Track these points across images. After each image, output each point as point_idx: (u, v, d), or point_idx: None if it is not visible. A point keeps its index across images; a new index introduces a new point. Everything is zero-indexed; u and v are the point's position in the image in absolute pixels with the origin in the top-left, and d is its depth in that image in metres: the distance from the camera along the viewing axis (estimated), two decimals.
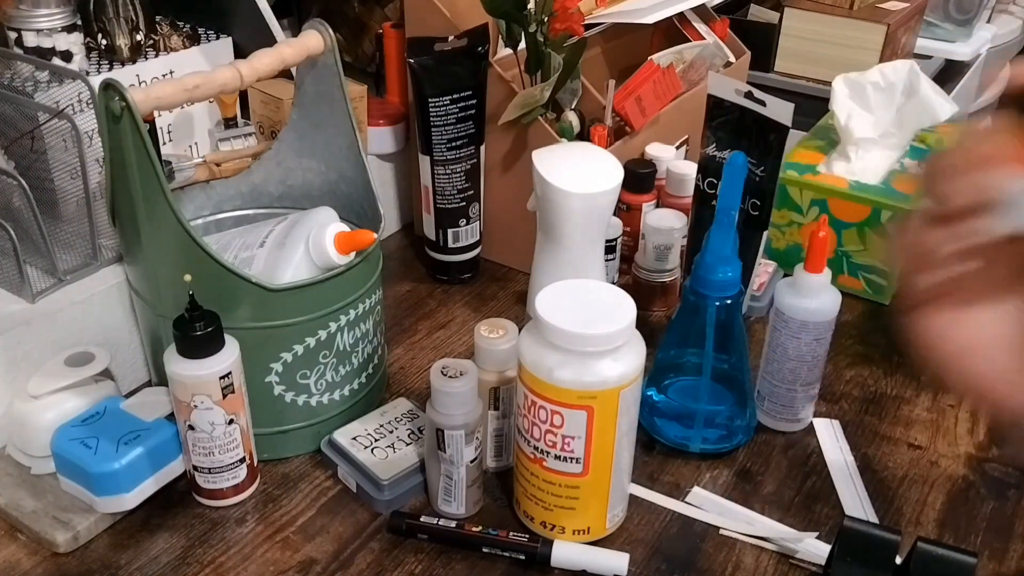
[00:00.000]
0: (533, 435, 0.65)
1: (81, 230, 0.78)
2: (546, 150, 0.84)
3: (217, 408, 0.67)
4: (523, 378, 0.65)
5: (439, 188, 0.95)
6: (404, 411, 0.77)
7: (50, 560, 0.67)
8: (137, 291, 0.76)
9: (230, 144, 0.94)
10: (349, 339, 0.75)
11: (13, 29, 0.83)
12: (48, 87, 0.75)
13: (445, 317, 0.96)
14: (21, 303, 0.76)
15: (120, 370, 0.80)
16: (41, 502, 0.69)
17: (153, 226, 0.68)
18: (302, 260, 0.73)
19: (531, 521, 0.69)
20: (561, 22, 0.90)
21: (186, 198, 0.84)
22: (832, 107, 1.02)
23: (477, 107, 0.93)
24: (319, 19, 0.77)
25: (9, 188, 0.75)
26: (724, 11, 1.34)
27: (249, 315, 0.70)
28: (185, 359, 0.66)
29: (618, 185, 0.82)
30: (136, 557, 0.67)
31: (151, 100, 0.65)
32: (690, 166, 0.99)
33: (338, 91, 0.78)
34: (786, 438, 0.80)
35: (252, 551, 0.68)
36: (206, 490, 0.71)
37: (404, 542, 0.69)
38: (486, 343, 0.71)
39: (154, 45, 0.92)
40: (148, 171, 0.65)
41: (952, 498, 0.75)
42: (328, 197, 0.83)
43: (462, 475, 0.69)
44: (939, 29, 1.61)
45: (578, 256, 0.84)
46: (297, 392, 0.74)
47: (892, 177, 0.99)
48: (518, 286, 1.00)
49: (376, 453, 0.73)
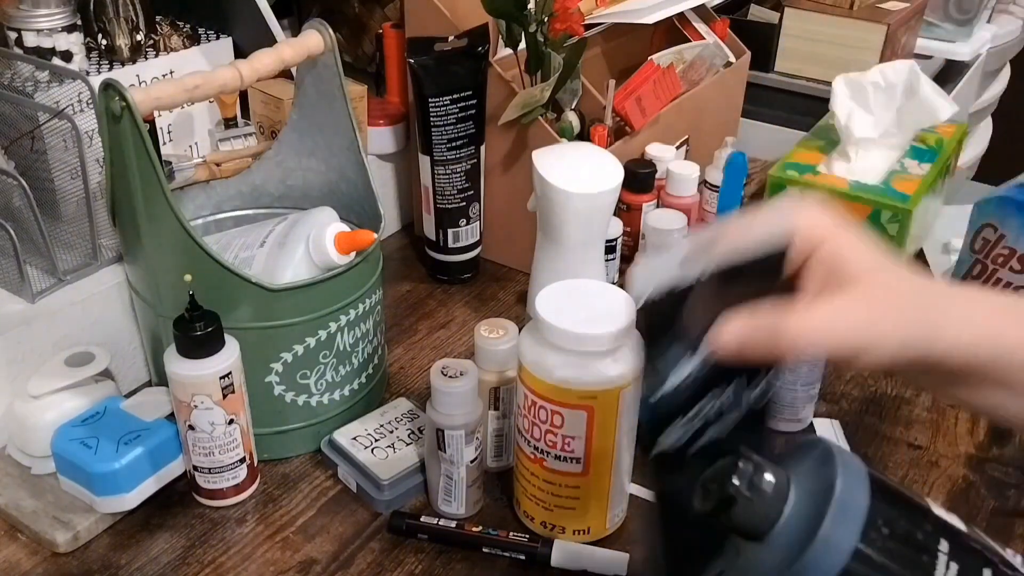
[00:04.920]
0: (533, 435, 0.65)
1: (81, 230, 0.78)
2: (546, 150, 0.84)
3: (217, 408, 0.67)
4: (523, 378, 0.65)
5: (439, 188, 0.95)
6: (404, 411, 0.77)
7: (50, 560, 0.67)
8: (137, 291, 0.76)
9: (230, 144, 0.94)
10: (349, 339, 0.75)
11: (13, 29, 0.83)
12: (48, 87, 0.75)
13: (445, 317, 0.96)
14: (21, 303, 0.76)
15: (120, 370, 0.80)
16: (41, 502, 0.69)
17: (153, 226, 0.68)
18: (302, 260, 0.73)
19: (531, 521, 0.69)
20: (561, 22, 0.90)
21: (186, 198, 0.84)
22: (832, 107, 1.02)
23: (477, 107, 0.93)
24: (319, 19, 0.77)
25: (9, 188, 0.75)
26: (724, 11, 1.34)
27: (249, 315, 0.70)
28: (185, 359, 0.66)
29: (618, 185, 0.82)
30: (136, 557, 0.67)
31: (151, 100, 0.65)
32: (690, 166, 0.99)
33: (338, 91, 0.78)
34: (786, 438, 0.80)
35: (252, 551, 0.68)
36: (206, 490, 0.71)
37: (404, 542, 0.69)
38: (486, 343, 0.71)
39: (154, 45, 0.92)
40: (148, 171, 0.65)
41: (952, 498, 0.75)
42: (328, 197, 0.83)
43: (462, 475, 0.69)
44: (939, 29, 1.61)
45: (578, 256, 0.84)
46: (297, 392, 0.74)
47: (892, 177, 0.99)
48: (518, 286, 1.00)
49: (376, 453, 0.73)
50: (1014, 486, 0.76)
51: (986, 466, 0.78)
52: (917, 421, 0.83)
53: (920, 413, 0.84)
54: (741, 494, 0.48)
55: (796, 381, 0.78)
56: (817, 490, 0.48)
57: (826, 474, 0.48)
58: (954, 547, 0.46)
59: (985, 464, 0.78)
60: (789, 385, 0.78)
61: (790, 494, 0.48)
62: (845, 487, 0.47)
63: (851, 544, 0.45)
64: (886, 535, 0.46)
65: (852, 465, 0.48)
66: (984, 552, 0.47)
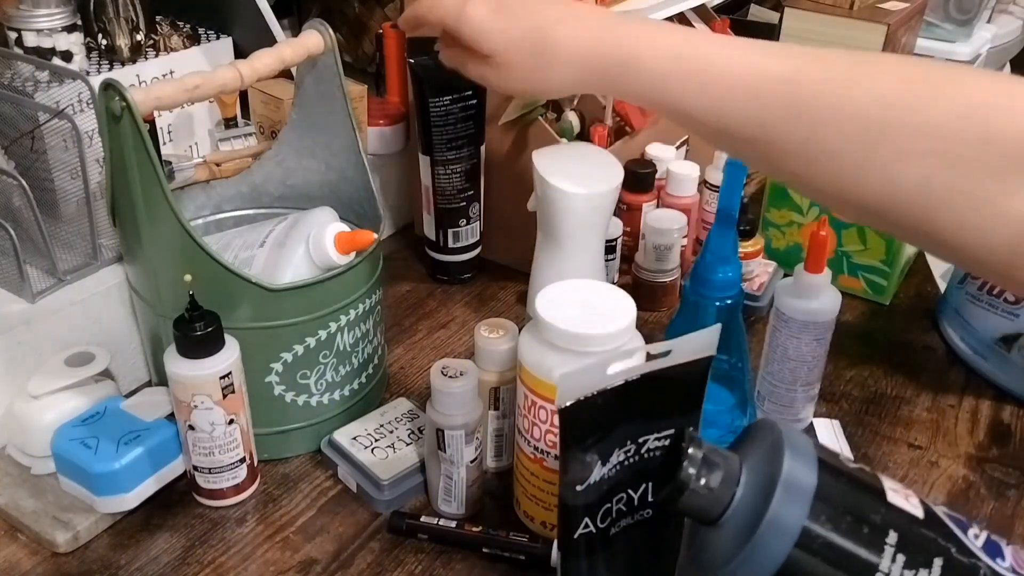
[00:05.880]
0: (533, 435, 0.65)
1: (81, 230, 0.78)
2: (546, 150, 0.84)
3: (217, 408, 0.67)
4: (523, 378, 0.65)
5: (439, 188, 0.95)
6: (404, 411, 0.77)
7: (50, 560, 0.67)
8: (137, 291, 0.76)
9: (230, 144, 0.94)
10: (349, 339, 0.75)
11: (13, 29, 0.83)
12: (48, 87, 0.75)
13: (445, 317, 0.96)
14: (21, 303, 0.76)
15: (120, 370, 0.80)
16: (41, 502, 0.69)
17: (153, 226, 0.68)
18: (302, 260, 0.73)
19: (531, 521, 0.69)
20: None
21: (186, 198, 0.84)
22: None
23: (477, 107, 0.92)
24: (319, 19, 0.77)
25: (9, 188, 0.75)
26: (724, 11, 1.34)
27: (249, 315, 0.70)
28: (185, 359, 0.66)
29: (618, 185, 0.82)
30: (136, 557, 0.67)
31: (151, 100, 0.65)
32: (690, 166, 0.99)
33: (338, 91, 0.78)
34: None
35: (252, 551, 0.68)
36: (206, 490, 0.71)
37: (404, 542, 0.69)
38: (486, 343, 0.71)
39: (154, 45, 0.92)
40: (148, 171, 0.65)
41: (952, 498, 0.75)
42: (328, 197, 0.83)
43: (462, 475, 0.69)
44: (939, 29, 1.61)
45: (578, 256, 0.84)
46: (297, 392, 0.74)
47: None
48: (518, 286, 1.00)
49: (376, 453, 0.73)
50: (1014, 486, 0.76)
51: (986, 466, 0.78)
52: (917, 421, 0.83)
53: (920, 413, 0.84)
54: (691, 480, 0.49)
55: (796, 381, 0.78)
56: (766, 472, 0.48)
57: (775, 457, 0.48)
58: (903, 538, 0.47)
59: (985, 464, 0.78)
60: (789, 385, 0.78)
61: (741, 477, 0.49)
62: (792, 468, 0.47)
63: (799, 523, 0.46)
64: (836, 514, 0.46)
65: (800, 446, 0.49)
66: (937, 540, 0.47)
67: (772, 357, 0.78)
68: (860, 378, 0.88)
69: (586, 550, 0.56)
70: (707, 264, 0.72)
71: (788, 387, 0.78)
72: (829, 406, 0.84)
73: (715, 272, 0.72)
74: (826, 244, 0.74)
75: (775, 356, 0.78)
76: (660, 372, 0.53)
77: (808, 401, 0.80)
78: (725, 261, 0.72)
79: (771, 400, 0.80)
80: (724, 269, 0.72)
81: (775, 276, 0.99)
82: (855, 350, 0.92)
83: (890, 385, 0.88)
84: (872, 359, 0.91)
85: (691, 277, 0.74)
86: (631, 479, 0.56)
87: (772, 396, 0.80)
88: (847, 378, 0.88)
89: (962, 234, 0.51)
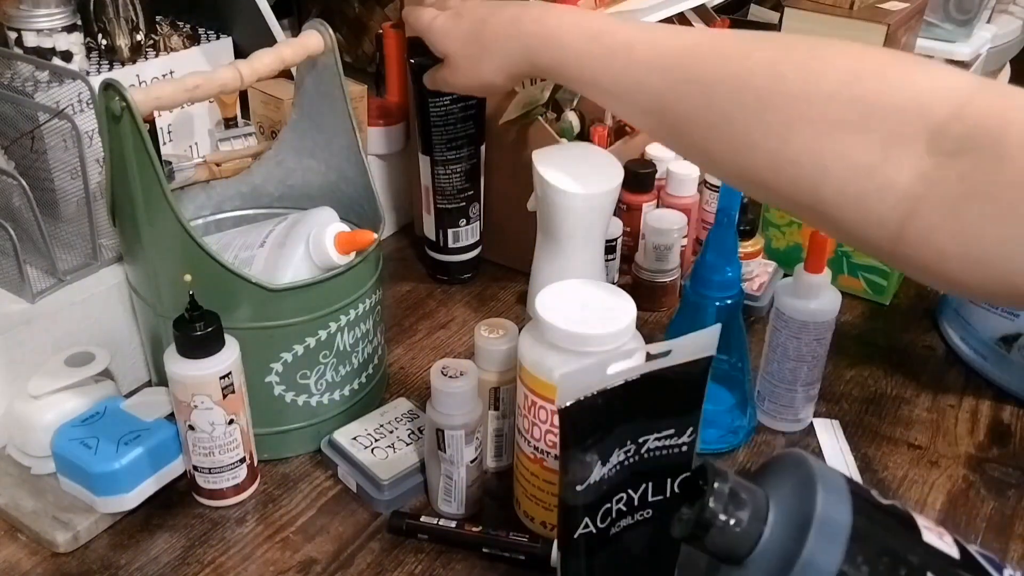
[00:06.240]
0: (533, 435, 0.65)
1: (81, 230, 0.78)
2: (546, 150, 0.84)
3: (217, 408, 0.67)
4: (523, 378, 0.65)
5: (439, 188, 0.95)
6: (404, 411, 0.77)
7: (50, 560, 0.67)
8: (137, 291, 0.76)
9: (230, 144, 0.94)
10: (349, 339, 0.75)
11: (13, 29, 0.83)
12: (48, 87, 0.75)
13: (445, 317, 0.96)
14: (21, 303, 0.76)
15: (120, 370, 0.80)
16: (41, 502, 0.69)
17: (153, 226, 0.68)
18: (302, 260, 0.73)
19: (531, 521, 0.69)
20: None
21: (186, 198, 0.84)
22: None
23: (477, 107, 0.92)
24: (319, 19, 0.77)
25: (9, 188, 0.75)
26: (724, 11, 1.34)
27: (249, 315, 0.70)
28: (185, 359, 0.66)
29: (618, 185, 0.82)
30: (136, 557, 0.67)
31: (151, 100, 0.65)
32: (690, 166, 0.99)
33: (338, 91, 0.78)
34: (786, 438, 0.80)
35: (252, 551, 0.68)
36: (206, 490, 0.71)
37: (404, 542, 0.69)
38: (486, 343, 0.71)
39: (154, 45, 0.92)
40: (148, 171, 0.65)
41: (952, 498, 0.75)
42: (328, 197, 0.83)
43: (462, 475, 0.69)
44: (939, 29, 1.61)
45: (578, 256, 0.84)
46: (297, 392, 0.74)
47: None
48: (518, 286, 1.00)
49: (376, 453, 0.73)
50: (1014, 486, 0.76)
51: (986, 466, 0.78)
52: (917, 421, 0.83)
53: (920, 413, 0.84)
54: (716, 518, 0.46)
55: (796, 381, 0.78)
56: (797, 510, 0.45)
57: (806, 493, 0.46)
58: None
59: (985, 464, 0.78)
60: (789, 385, 0.78)
61: (768, 515, 0.46)
62: (826, 506, 0.45)
63: (835, 566, 0.43)
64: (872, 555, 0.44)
65: (833, 482, 0.46)
66: None
67: (772, 357, 0.79)
68: (860, 378, 0.88)
69: (586, 550, 0.56)
70: (707, 264, 0.72)
71: (788, 387, 0.78)
72: (829, 406, 0.84)
73: (715, 272, 0.72)
74: (826, 244, 0.74)
75: (775, 356, 0.78)
76: (660, 372, 0.53)
77: (808, 401, 0.80)
78: (725, 261, 0.72)
79: (771, 400, 0.80)
80: (724, 269, 0.72)
81: (775, 276, 0.99)
82: (855, 350, 0.92)
83: (890, 385, 0.88)
84: (872, 359, 0.91)
85: (691, 277, 0.74)
86: (631, 479, 0.55)
87: (772, 396, 0.80)
88: (847, 378, 0.88)
89: (851, 204, 0.52)
